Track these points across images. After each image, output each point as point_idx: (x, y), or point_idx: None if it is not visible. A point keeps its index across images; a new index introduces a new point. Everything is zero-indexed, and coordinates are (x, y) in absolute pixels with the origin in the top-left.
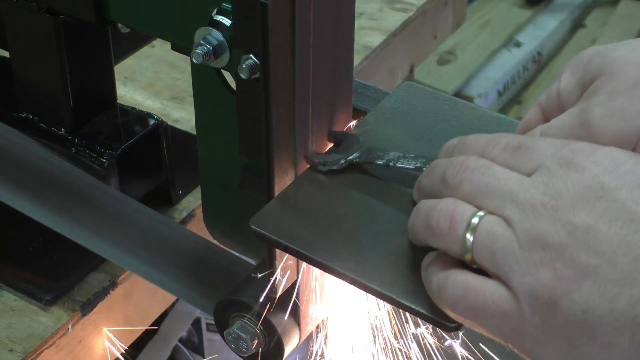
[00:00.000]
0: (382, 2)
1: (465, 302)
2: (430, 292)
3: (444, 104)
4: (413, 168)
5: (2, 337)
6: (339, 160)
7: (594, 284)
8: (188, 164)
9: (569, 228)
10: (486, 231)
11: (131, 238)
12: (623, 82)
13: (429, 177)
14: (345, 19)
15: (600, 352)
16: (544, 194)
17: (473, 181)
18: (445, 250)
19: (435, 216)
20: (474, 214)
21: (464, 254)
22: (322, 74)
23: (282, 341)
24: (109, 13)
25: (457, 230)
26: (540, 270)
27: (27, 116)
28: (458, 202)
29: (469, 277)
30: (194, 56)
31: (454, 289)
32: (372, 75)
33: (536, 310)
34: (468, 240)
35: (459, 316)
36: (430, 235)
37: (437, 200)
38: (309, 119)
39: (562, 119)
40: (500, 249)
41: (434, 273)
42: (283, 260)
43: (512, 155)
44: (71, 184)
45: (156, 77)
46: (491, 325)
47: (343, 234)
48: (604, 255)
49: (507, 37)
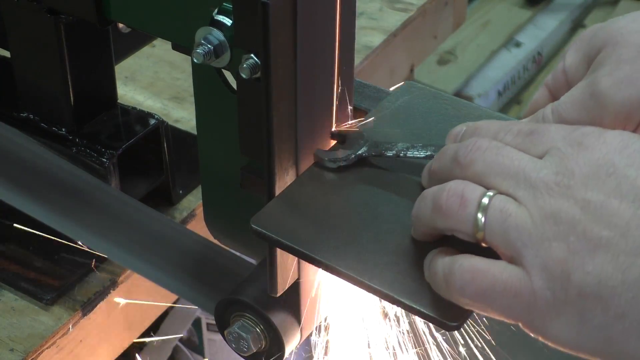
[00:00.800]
0: (382, 2)
1: (474, 284)
2: (437, 284)
3: (445, 103)
4: (424, 156)
5: (3, 337)
6: (348, 155)
7: (606, 255)
8: (188, 164)
9: (582, 204)
10: (498, 209)
11: (132, 237)
12: (627, 50)
13: (440, 160)
14: (345, 18)
15: (614, 323)
16: (556, 174)
17: (485, 160)
18: (455, 231)
19: (445, 196)
20: (484, 194)
21: (476, 233)
22: (322, 74)
23: (283, 340)
24: (110, 13)
25: (468, 208)
26: (553, 245)
27: (28, 116)
28: (467, 182)
29: (476, 260)
30: (195, 56)
31: (461, 273)
32: (372, 75)
33: (548, 285)
34: (480, 219)
35: (468, 301)
36: (438, 216)
37: (444, 184)
38: (309, 118)
39: (571, 93)
40: (513, 225)
41: (439, 264)
42: (284, 259)
43: (524, 140)
44: (72, 184)
45: (157, 77)
46: (501, 306)
47: (343, 233)
48: (617, 228)
49: (507, 37)
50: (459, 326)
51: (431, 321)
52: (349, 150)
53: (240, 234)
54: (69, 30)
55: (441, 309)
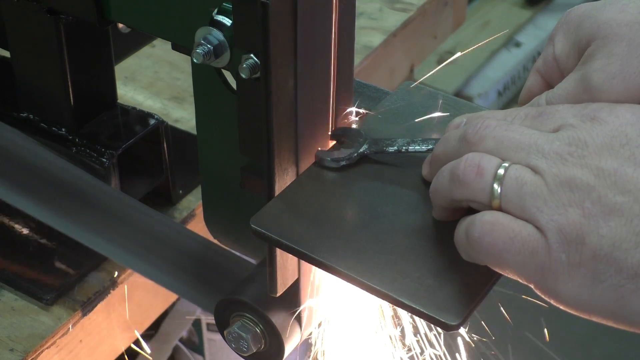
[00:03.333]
0: (382, 2)
1: (492, 235)
2: (458, 239)
3: (445, 103)
4: (425, 150)
5: (3, 337)
6: (350, 154)
7: (620, 219)
8: (188, 164)
9: (596, 172)
10: (514, 177)
11: (132, 237)
12: (617, 44)
13: (445, 144)
14: (345, 18)
15: (627, 284)
16: (569, 145)
17: (496, 136)
18: (471, 201)
19: (462, 166)
20: (500, 165)
21: (492, 201)
22: (322, 74)
23: (283, 340)
24: (110, 13)
25: (485, 176)
26: (568, 210)
27: (28, 116)
28: (484, 154)
29: (499, 214)
30: (195, 56)
31: (481, 224)
32: (372, 75)
33: (563, 247)
34: (496, 188)
35: (484, 254)
36: (455, 186)
37: (461, 158)
38: (309, 118)
39: (564, 86)
40: (528, 192)
41: (463, 221)
42: (284, 259)
43: (533, 121)
44: (72, 184)
45: (156, 77)
46: (517, 263)
47: (343, 233)
48: (630, 193)
49: (507, 37)
50: (459, 326)
51: (431, 321)
52: (350, 149)
53: (240, 234)
54: (69, 30)
55: (441, 309)
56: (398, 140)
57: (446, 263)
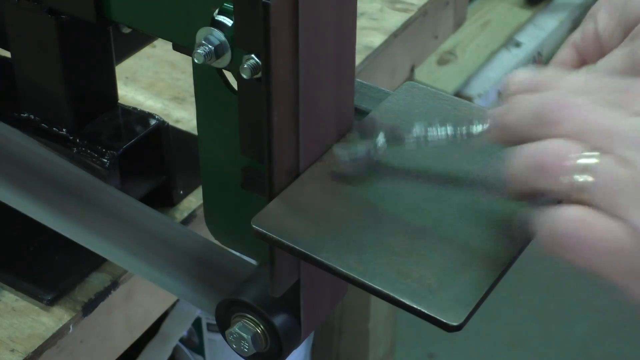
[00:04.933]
0: (383, 2)
1: (579, 234)
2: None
3: (446, 104)
4: (445, 138)
5: (3, 338)
6: (368, 145)
7: None
8: (189, 164)
9: None
10: (606, 171)
11: (132, 238)
12: None
13: (517, 112)
14: (346, 19)
15: None
16: None
17: (577, 118)
18: (554, 191)
19: (544, 154)
20: (589, 154)
21: (579, 194)
22: (323, 74)
23: (284, 341)
24: (110, 13)
25: (573, 168)
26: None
27: (29, 116)
28: (568, 141)
29: (587, 211)
30: (196, 56)
31: (568, 221)
32: (373, 76)
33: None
34: (585, 181)
35: (569, 252)
36: (536, 175)
37: (542, 141)
38: (310, 118)
39: (610, 61)
40: (618, 187)
41: (545, 213)
42: (284, 259)
43: (620, 97)
44: (72, 184)
45: (157, 77)
46: (605, 264)
47: (344, 233)
48: None
49: (507, 37)
50: (461, 326)
51: (432, 322)
52: (367, 140)
53: (241, 235)
54: (69, 30)
55: (442, 309)
56: (415, 125)
57: (448, 264)
